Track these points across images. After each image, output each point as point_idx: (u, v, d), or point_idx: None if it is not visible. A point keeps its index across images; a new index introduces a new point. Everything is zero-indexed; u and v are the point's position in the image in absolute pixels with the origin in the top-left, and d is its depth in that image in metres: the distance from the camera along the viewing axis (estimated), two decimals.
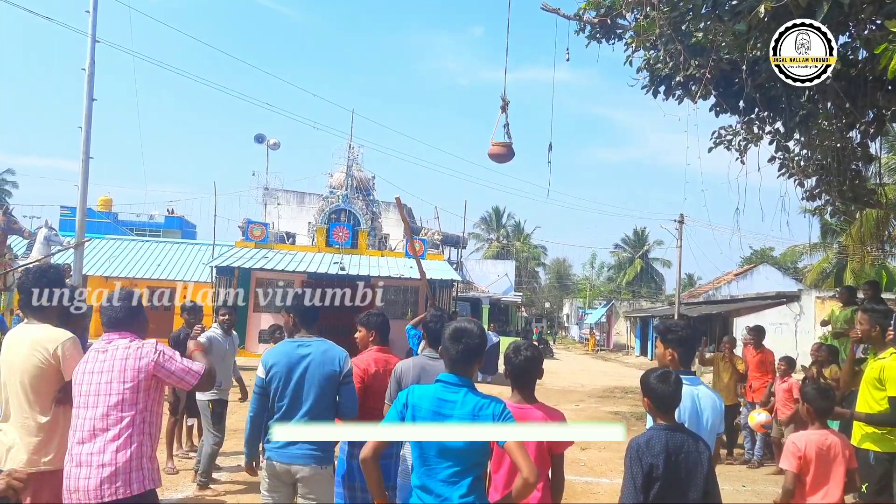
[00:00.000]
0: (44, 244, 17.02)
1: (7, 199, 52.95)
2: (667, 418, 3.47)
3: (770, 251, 50.01)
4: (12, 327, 5.70)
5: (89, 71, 15.13)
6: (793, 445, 4.40)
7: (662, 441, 3.37)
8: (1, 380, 3.69)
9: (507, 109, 8.64)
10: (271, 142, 29.96)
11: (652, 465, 3.32)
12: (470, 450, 3.07)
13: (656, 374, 3.53)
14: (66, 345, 3.68)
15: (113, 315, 3.63)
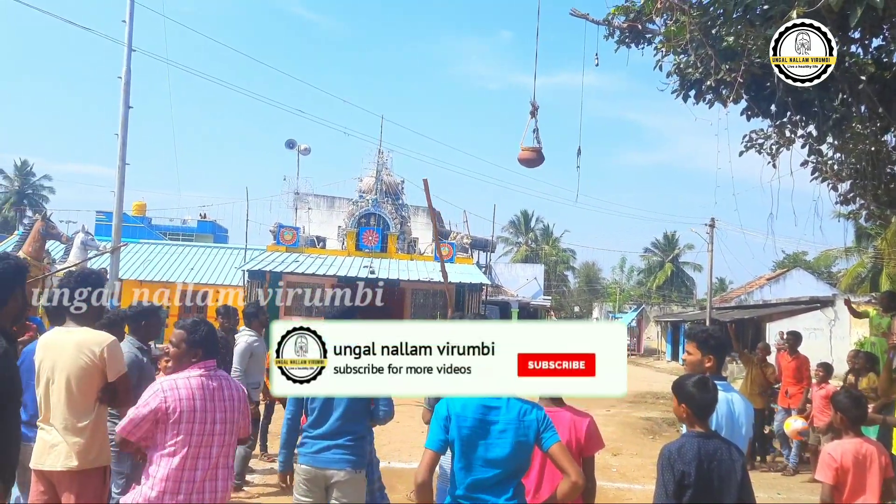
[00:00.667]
0: (81, 249, 17.39)
1: (45, 204, 54.09)
2: (702, 425, 3.44)
3: (803, 255, 49.29)
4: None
5: (125, 79, 15.45)
6: (828, 457, 4.34)
7: (695, 448, 3.35)
8: (42, 381, 3.80)
9: (536, 114, 8.67)
10: (302, 147, 30.23)
11: (684, 472, 3.30)
12: (516, 455, 3.10)
13: (693, 381, 3.47)
14: (110, 346, 3.80)
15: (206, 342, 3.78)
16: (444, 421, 3.15)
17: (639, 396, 19.79)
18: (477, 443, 3.10)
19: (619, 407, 17.01)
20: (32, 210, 51.41)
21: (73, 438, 3.71)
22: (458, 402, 3.18)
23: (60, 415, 3.74)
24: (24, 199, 57.14)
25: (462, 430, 3.11)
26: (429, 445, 3.16)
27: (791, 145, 8.88)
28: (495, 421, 3.11)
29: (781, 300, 31.77)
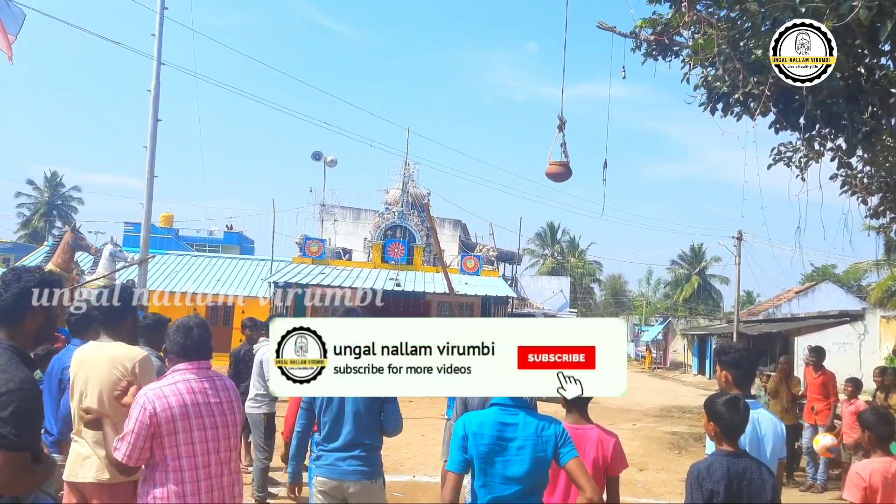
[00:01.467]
0: (109, 260, 17.60)
1: (73, 215, 54.97)
2: (731, 444, 3.42)
3: (832, 268, 48.69)
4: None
5: (154, 92, 15.66)
6: (856, 476, 4.29)
7: (724, 467, 3.33)
8: (76, 395, 3.86)
9: (564, 128, 8.67)
10: (328, 159, 30.44)
11: (713, 491, 3.29)
12: (535, 471, 3.11)
13: (724, 400, 3.46)
14: (142, 361, 3.84)
15: (198, 342, 3.56)
16: (461, 441, 3.15)
17: (665, 410, 19.61)
18: (495, 460, 3.11)
19: (645, 421, 16.87)
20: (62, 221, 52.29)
21: (104, 451, 3.75)
22: (475, 420, 3.19)
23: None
24: (54, 210, 58.08)
25: (480, 447, 3.11)
26: (450, 468, 3.16)
27: (820, 158, 8.79)
28: (513, 438, 3.12)
29: (810, 314, 31.37)
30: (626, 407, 19.65)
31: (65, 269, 16.16)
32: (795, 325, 29.03)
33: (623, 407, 19.54)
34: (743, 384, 3.90)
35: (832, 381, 9.85)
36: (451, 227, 30.84)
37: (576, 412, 3.74)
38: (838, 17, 5.48)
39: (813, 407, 9.85)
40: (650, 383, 31.80)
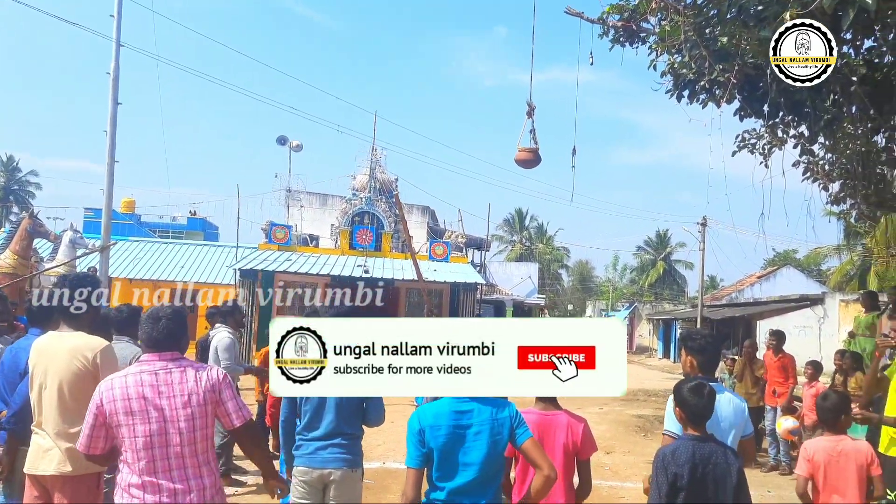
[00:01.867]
0: (69, 247, 17.25)
1: (31, 200, 53.83)
2: (697, 429, 3.49)
3: (793, 253, 49.57)
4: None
5: (114, 74, 15.36)
6: (804, 450, 4.57)
7: (689, 451, 3.39)
8: (35, 386, 3.78)
9: (533, 115, 8.66)
10: (294, 144, 30.14)
11: (677, 474, 3.35)
12: (493, 456, 3.14)
13: (689, 386, 3.53)
14: (104, 352, 3.77)
15: (164, 333, 3.37)
16: (418, 435, 3.16)
17: (631, 394, 19.80)
18: (454, 449, 3.13)
19: (612, 405, 17.04)
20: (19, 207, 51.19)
21: (65, 444, 3.69)
22: (430, 413, 3.19)
23: (53, 420, 3.72)
24: (10, 196, 56.78)
25: (438, 439, 3.12)
26: (409, 464, 3.17)
27: (783, 145, 8.92)
28: (469, 424, 3.14)
29: (772, 298, 31.93)
30: None
31: (23, 256, 15.83)
32: (758, 309, 29.54)
33: None
34: (707, 369, 3.98)
35: (791, 364, 10.04)
36: (419, 213, 30.80)
37: (544, 399, 3.75)
38: (802, 5, 5.55)
39: (774, 390, 10.04)
40: None
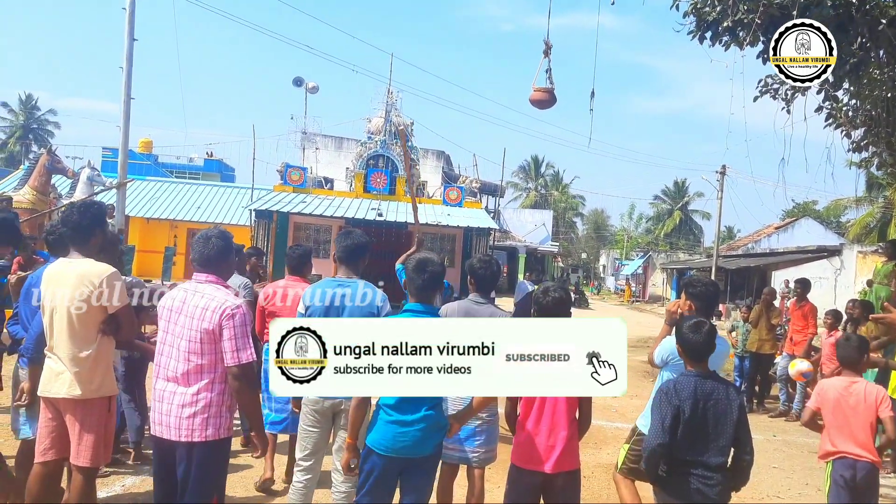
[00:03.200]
0: (87, 184, 17.39)
1: (50, 139, 53.94)
2: (698, 366, 3.58)
3: (813, 204, 48.98)
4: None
5: (130, 9, 15.20)
6: (818, 387, 4.67)
7: (691, 387, 3.49)
8: (47, 312, 3.83)
9: (549, 54, 8.48)
10: (310, 85, 29.90)
11: (679, 407, 3.46)
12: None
13: (689, 324, 3.63)
14: (110, 277, 3.79)
15: (205, 253, 3.62)
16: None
17: (640, 341, 19.90)
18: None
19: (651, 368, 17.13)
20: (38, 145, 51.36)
21: (75, 368, 3.75)
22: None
23: (64, 345, 3.77)
24: (30, 134, 56.94)
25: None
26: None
27: (806, 91, 8.72)
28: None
29: (788, 249, 31.72)
30: None
31: (41, 191, 15.95)
32: (773, 259, 29.39)
33: None
34: (705, 315, 4.12)
35: (813, 313, 10.01)
36: (434, 157, 30.61)
37: None
38: None
39: (792, 337, 10.05)
40: (628, 315, 32.25)
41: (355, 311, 4.09)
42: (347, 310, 4.08)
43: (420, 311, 3.49)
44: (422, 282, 3.53)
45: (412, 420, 3.38)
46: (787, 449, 8.18)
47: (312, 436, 4.23)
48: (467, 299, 4.58)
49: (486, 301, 4.57)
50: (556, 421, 3.58)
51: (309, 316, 4.14)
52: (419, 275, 3.53)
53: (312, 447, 4.24)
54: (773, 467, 7.35)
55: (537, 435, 3.60)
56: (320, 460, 4.32)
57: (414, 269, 3.56)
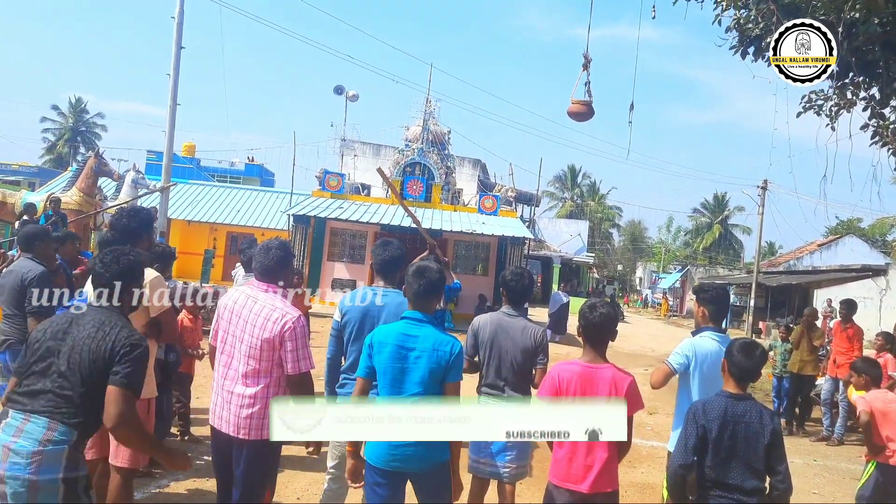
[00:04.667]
0: (131, 187, 17.73)
1: (97, 142, 55.13)
2: (737, 387, 3.51)
3: (857, 222, 48.01)
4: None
5: (178, 20, 15.53)
6: (862, 401, 5.14)
7: (721, 408, 3.43)
8: None
9: (588, 67, 8.47)
10: (350, 94, 30.17)
11: (706, 428, 3.41)
12: (429, 382, 3.40)
13: (741, 343, 3.58)
14: (152, 282, 3.89)
15: (265, 263, 3.73)
16: (367, 349, 3.52)
17: None
18: (394, 367, 3.43)
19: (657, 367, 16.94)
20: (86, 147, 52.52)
21: None
22: (382, 330, 3.57)
23: None
24: (78, 137, 58.25)
25: (382, 355, 3.45)
26: (358, 373, 3.58)
27: (852, 107, 8.58)
28: (413, 348, 3.42)
29: (832, 267, 31.09)
30: (639, 353, 19.78)
31: (88, 193, 16.29)
32: (815, 277, 28.86)
33: (636, 352, 19.67)
34: (717, 319, 4.36)
35: (859, 336, 9.72)
36: (470, 166, 30.64)
37: (592, 351, 3.67)
38: None
39: (835, 360, 9.77)
40: (665, 330, 31.91)
41: (391, 320, 4.08)
42: (382, 321, 4.10)
43: (417, 320, 3.51)
44: (418, 287, 3.54)
45: None
46: (828, 475, 8.01)
47: (342, 444, 4.25)
48: (499, 311, 4.59)
49: (517, 313, 4.56)
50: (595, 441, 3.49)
51: (345, 323, 4.19)
52: (416, 280, 3.56)
53: (343, 457, 4.25)
54: (813, 493, 7.20)
55: (575, 453, 3.53)
56: None
57: (412, 275, 3.60)
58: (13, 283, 5.00)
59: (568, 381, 3.57)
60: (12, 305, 5.01)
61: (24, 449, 2.64)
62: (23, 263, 5.14)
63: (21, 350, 4.91)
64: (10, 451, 2.64)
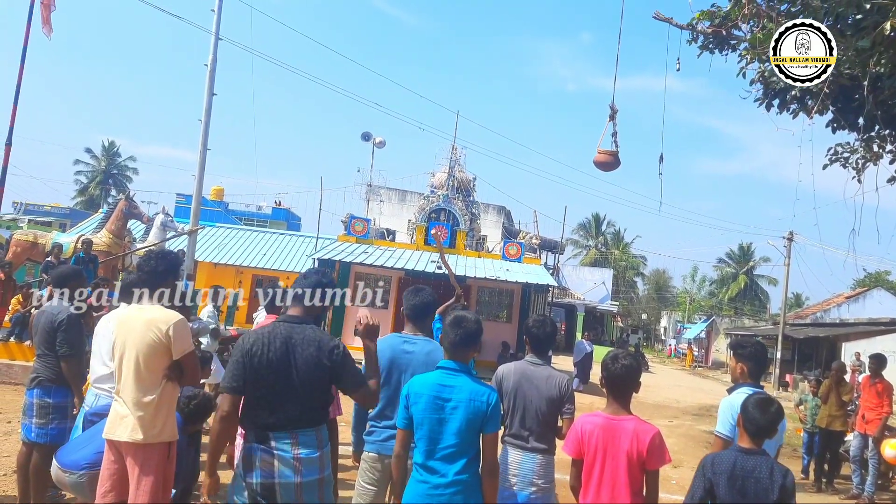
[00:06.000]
0: (160, 229, 18.03)
1: (128, 184, 56.23)
2: (751, 441, 3.46)
3: (886, 275, 47.38)
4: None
5: (211, 67, 15.92)
6: None
7: (729, 462, 3.39)
8: (116, 356, 3.98)
9: (615, 118, 8.55)
10: (377, 140, 30.58)
11: (712, 482, 3.38)
12: (466, 431, 3.40)
13: (757, 399, 3.54)
14: (176, 325, 3.91)
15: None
16: (404, 400, 3.53)
17: (703, 409, 19.39)
18: (431, 417, 3.44)
19: (682, 419, 16.72)
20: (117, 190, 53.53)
21: (139, 412, 3.86)
22: (417, 381, 3.56)
23: (129, 389, 3.89)
24: (110, 179, 59.49)
25: (418, 405, 3.46)
26: (398, 425, 3.58)
27: (878, 160, 8.57)
28: (449, 398, 3.44)
29: (860, 320, 30.61)
30: (664, 404, 19.52)
31: (117, 235, 16.59)
32: (843, 330, 28.40)
33: (661, 403, 19.40)
34: (756, 376, 4.24)
35: (889, 391, 9.48)
36: (495, 212, 30.80)
37: (615, 402, 3.65)
38: None
39: (864, 415, 9.53)
40: (690, 381, 31.45)
41: (419, 368, 4.07)
42: (411, 369, 4.10)
43: (453, 370, 3.53)
44: (455, 337, 3.57)
45: (443, 483, 3.42)
46: None
47: (370, 493, 4.20)
48: (524, 360, 4.55)
49: (542, 362, 4.53)
50: (617, 494, 3.47)
51: None
52: (454, 330, 3.60)
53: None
54: None
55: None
56: None
57: (450, 325, 3.63)
58: (45, 324, 5.11)
59: (590, 434, 3.56)
60: (44, 346, 5.11)
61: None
62: (55, 304, 5.25)
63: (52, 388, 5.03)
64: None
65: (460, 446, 3.39)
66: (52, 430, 5.04)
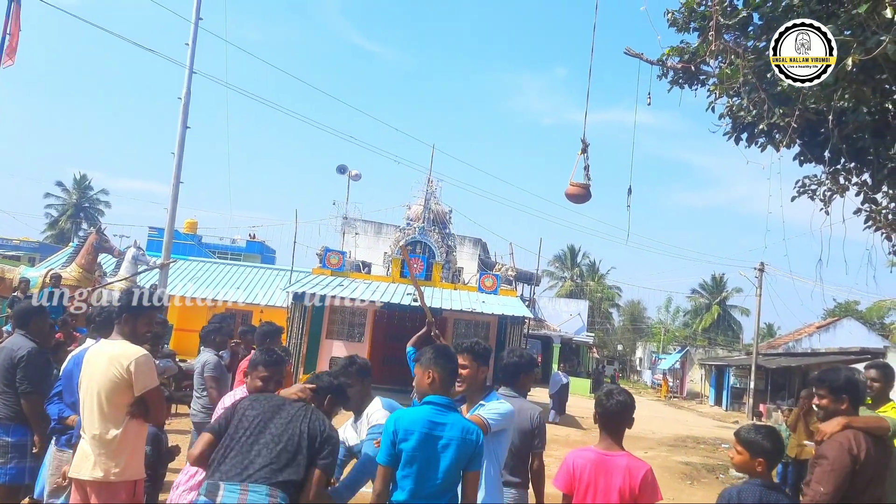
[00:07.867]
0: (131, 263, 17.81)
1: (100, 218, 55.63)
2: (770, 476, 3.51)
3: (855, 304, 48.04)
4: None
5: (185, 100, 15.91)
6: None
7: (756, 496, 3.38)
8: (82, 392, 3.90)
9: (587, 151, 8.64)
10: (353, 173, 30.61)
11: None
12: (454, 469, 3.34)
13: (765, 434, 3.55)
14: (138, 360, 3.82)
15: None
16: (392, 436, 3.36)
17: (679, 440, 19.41)
18: (421, 455, 3.32)
19: (658, 450, 16.70)
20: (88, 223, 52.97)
21: (101, 449, 3.76)
22: (407, 417, 3.42)
23: (92, 426, 3.80)
24: (81, 213, 58.82)
25: (409, 443, 3.33)
26: (380, 461, 3.38)
27: (844, 192, 8.73)
28: (440, 436, 3.35)
29: (831, 349, 30.92)
30: (639, 434, 19.47)
31: (88, 269, 16.37)
32: (815, 360, 28.64)
33: (637, 434, 19.36)
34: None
35: None
36: (471, 245, 30.84)
37: (608, 438, 3.63)
38: (865, 51, 5.48)
39: None
40: (665, 412, 31.49)
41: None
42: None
43: (443, 406, 3.46)
44: (445, 372, 3.55)
45: None
46: None
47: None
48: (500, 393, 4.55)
49: (516, 394, 4.54)
50: None
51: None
52: (447, 364, 3.58)
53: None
54: None
55: None
56: None
57: (439, 357, 3.59)
58: (4, 361, 4.97)
59: (582, 469, 3.53)
60: (3, 383, 4.96)
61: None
62: (15, 340, 5.11)
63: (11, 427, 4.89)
64: None
65: (445, 484, 3.33)
66: (10, 470, 4.89)
